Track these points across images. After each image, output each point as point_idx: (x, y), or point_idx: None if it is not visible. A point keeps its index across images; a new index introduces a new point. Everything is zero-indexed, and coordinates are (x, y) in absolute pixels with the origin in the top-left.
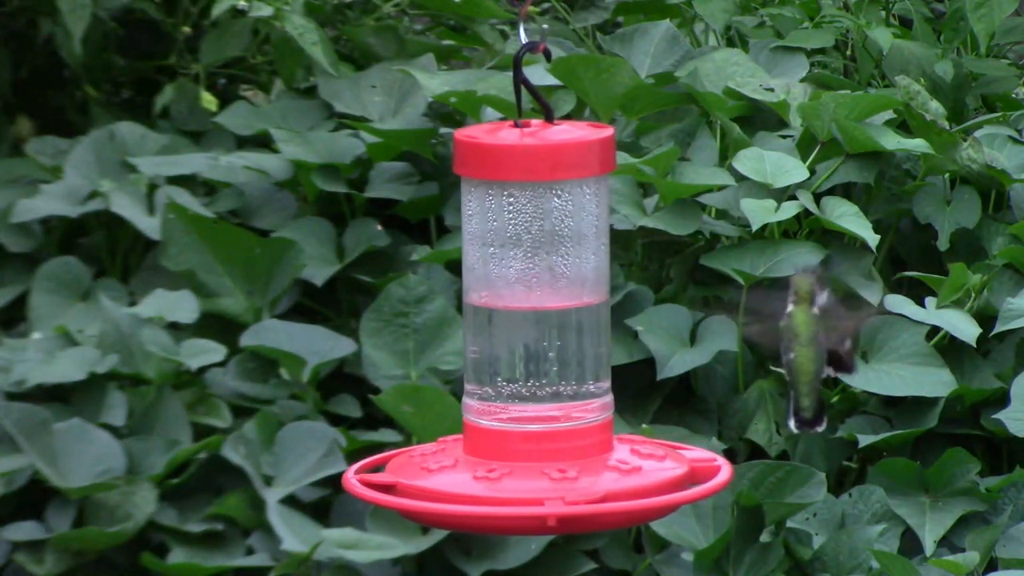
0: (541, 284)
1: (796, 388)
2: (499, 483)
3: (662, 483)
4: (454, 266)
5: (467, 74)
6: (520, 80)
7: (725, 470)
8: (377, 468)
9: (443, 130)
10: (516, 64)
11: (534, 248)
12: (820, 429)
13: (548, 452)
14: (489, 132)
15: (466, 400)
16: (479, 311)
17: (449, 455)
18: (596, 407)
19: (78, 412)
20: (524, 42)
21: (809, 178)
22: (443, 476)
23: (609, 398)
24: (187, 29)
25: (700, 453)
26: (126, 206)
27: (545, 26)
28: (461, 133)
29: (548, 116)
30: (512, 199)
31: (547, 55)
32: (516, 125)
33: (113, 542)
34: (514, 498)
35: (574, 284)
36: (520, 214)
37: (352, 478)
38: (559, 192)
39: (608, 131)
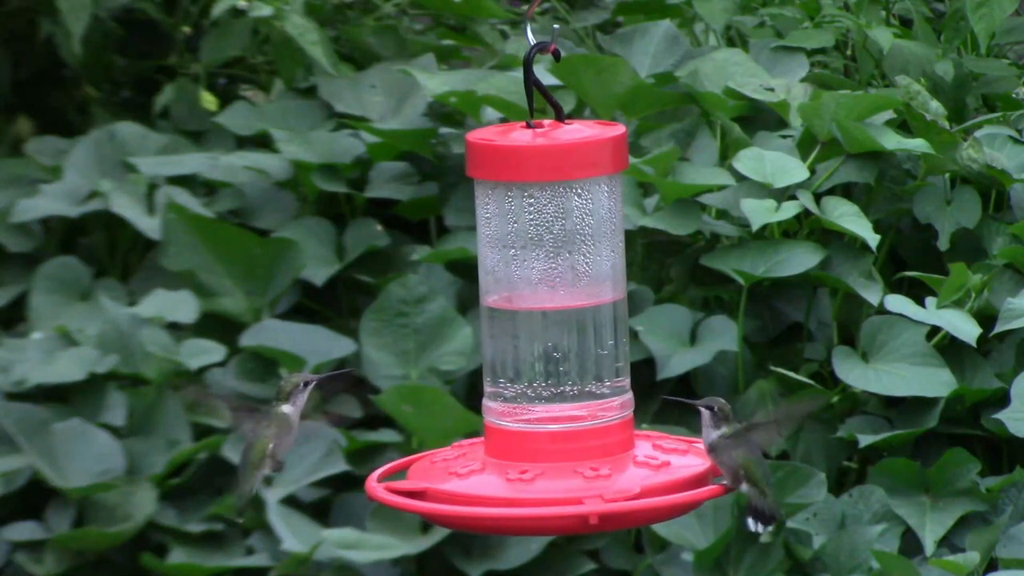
0: (564, 284)
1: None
2: (534, 484)
3: (691, 477)
4: (454, 266)
5: (467, 74)
6: (532, 81)
7: None
8: (395, 474)
9: (443, 130)
10: (527, 65)
11: (556, 248)
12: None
13: (574, 451)
14: (501, 134)
15: (486, 403)
16: (499, 313)
17: (473, 458)
18: (618, 404)
19: (78, 412)
20: (532, 42)
21: (809, 178)
22: (474, 480)
23: (629, 395)
24: (187, 29)
25: None
26: (126, 206)
27: (556, 26)
28: (474, 136)
29: (559, 115)
30: (533, 200)
31: (556, 55)
32: (529, 126)
33: (113, 542)
34: (552, 498)
35: (595, 282)
36: (542, 214)
37: (377, 486)
38: (579, 191)
39: (620, 128)
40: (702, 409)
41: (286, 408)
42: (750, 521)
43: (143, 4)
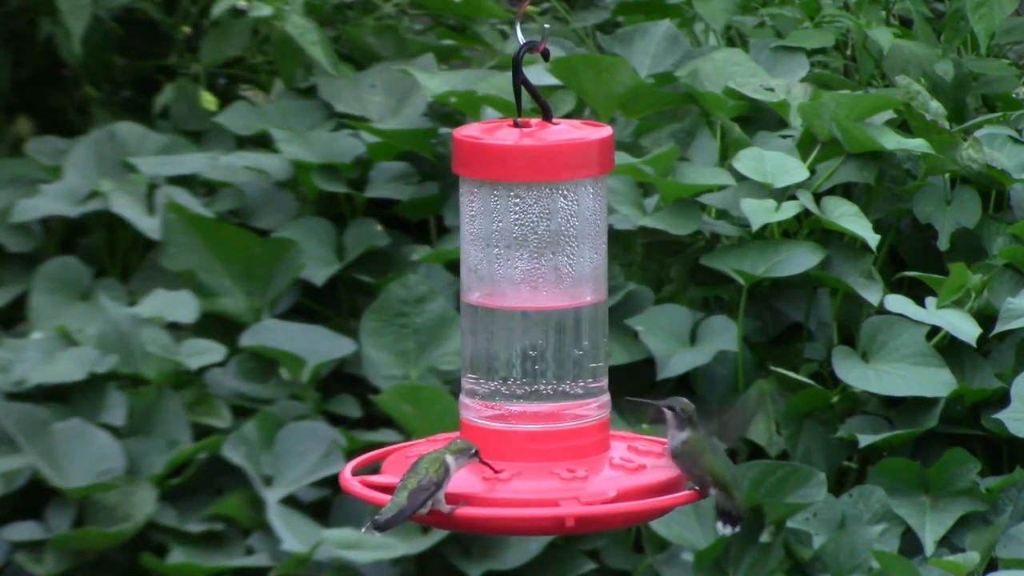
0: (547, 284)
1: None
2: (510, 484)
3: (667, 480)
4: (454, 266)
5: (467, 74)
6: (520, 80)
7: None
8: (372, 465)
9: (443, 130)
10: (516, 64)
11: (540, 248)
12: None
13: (549, 451)
14: (488, 132)
15: (464, 399)
16: (479, 311)
17: None
18: (595, 406)
19: (78, 412)
20: (522, 41)
21: (809, 178)
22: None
23: (607, 397)
24: (187, 29)
25: None
26: (126, 206)
27: (547, 25)
28: (461, 133)
29: (547, 115)
30: (519, 200)
31: (545, 55)
32: (516, 124)
33: (113, 542)
34: (528, 499)
35: (577, 283)
36: (527, 214)
37: (351, 479)
38: (565, 192)
39: (607, 130)
40: (665, 411)
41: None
42: (719, 524)
43: (143, 4)
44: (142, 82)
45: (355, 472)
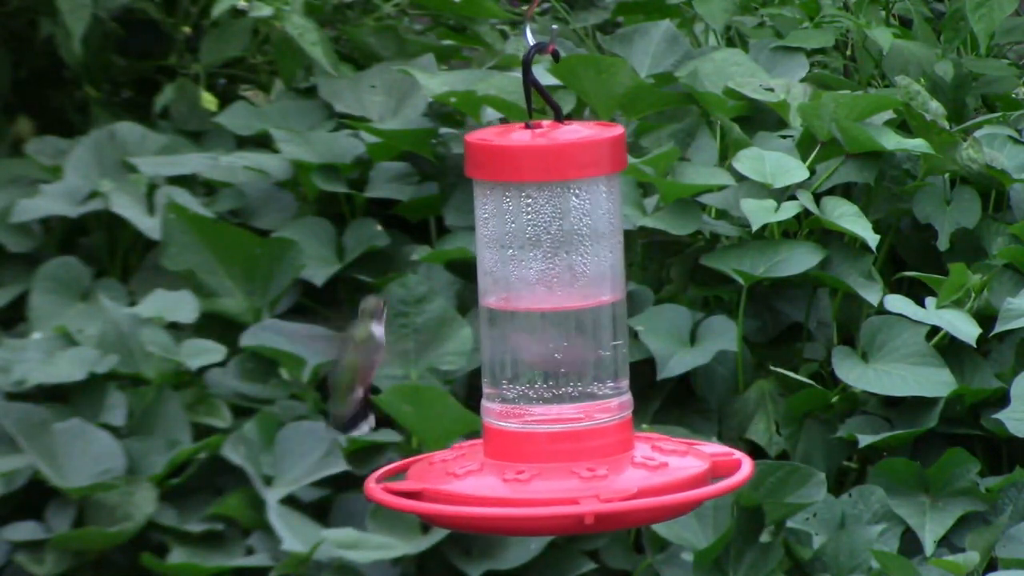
0: (562, 284)
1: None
2: (530, 484)
3: (689, 478)
4: (454, 266)
5: (467, 74)
6: (530, 81)
7: (746, 464)
8: (395, 475)
9: (443, 130)
10: (526, 65)
11: (554, 248)
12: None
13: (571, 452)
14: (500, 134)
15: (485, 403)
16: (497, 314)
17: (472, 459)
18: (616, 406)
19: (78, 412)
20: (531, 43)
21: (809, 178)
22: (471, 480)
23: (628, 396)
24: (187, 29)
25: (717, 448)
26: (126, 206)
27: (555, 27)
28: (473, 136)
29: (558, 116)
30: (531, 200)
31: (555, 56)
32: (528, 126)
33: (113, 542)
34: (548, 498)
35: (594, 283)
36: (539, 215)
37: (375, 487)
38: (577, 191)
39: (619, 129)
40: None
41: (374, 327)
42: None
43: (143, 4)
44: (142, 82)
45: (379, 481)
